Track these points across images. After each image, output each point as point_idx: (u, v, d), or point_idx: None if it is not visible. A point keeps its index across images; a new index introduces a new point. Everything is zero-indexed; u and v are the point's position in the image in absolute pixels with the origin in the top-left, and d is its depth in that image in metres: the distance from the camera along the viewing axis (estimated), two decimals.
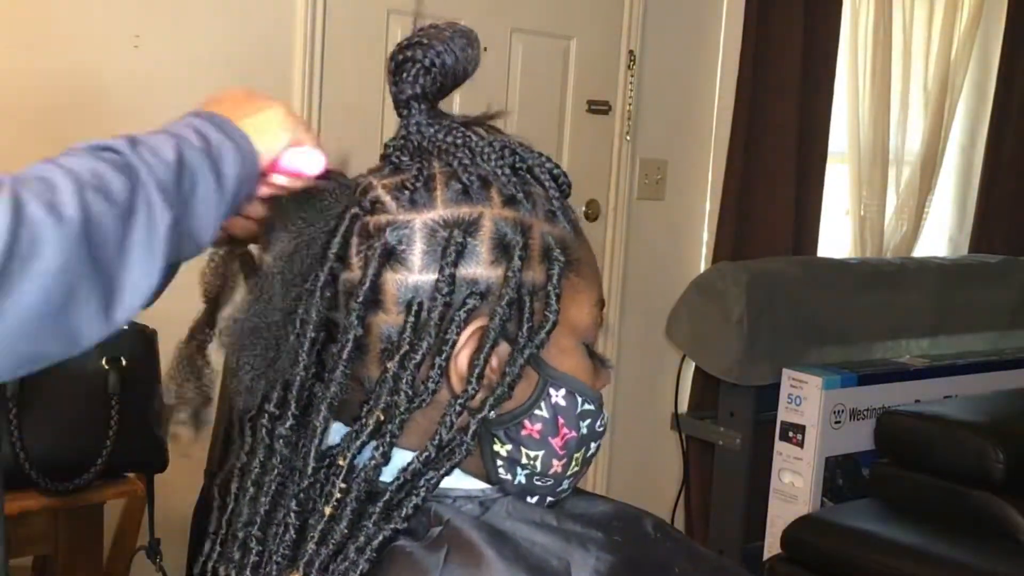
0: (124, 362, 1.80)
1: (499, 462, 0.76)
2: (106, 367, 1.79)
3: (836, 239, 3.63)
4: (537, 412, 0.75)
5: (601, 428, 0.79)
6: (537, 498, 0.78)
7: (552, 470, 0.77)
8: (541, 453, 0.76)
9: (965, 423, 2.66)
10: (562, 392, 0.76)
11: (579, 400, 0.77)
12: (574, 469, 0.78)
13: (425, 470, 0.72)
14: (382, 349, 0.74)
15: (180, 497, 2.08)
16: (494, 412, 0.74)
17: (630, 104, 3.00)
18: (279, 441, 0.74)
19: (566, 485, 0.79)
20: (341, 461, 0.72)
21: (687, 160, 3.19)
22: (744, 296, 2.83)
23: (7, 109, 2.05)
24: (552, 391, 0.76)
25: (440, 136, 0.77)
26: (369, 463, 0.72)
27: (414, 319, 0.73)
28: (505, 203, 0.75)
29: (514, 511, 0.74)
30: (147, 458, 1.87)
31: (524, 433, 0.75)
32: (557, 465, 0.77)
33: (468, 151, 0.77)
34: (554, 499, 0.79)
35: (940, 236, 4.05)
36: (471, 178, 0.75)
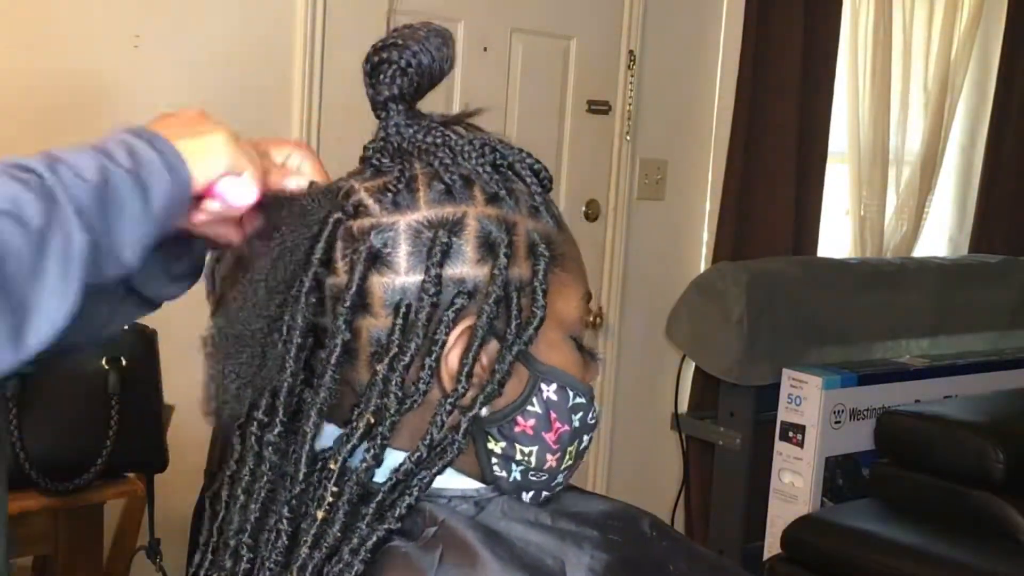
0: (124, 362, 1.81)
1: (494, 460, 0.76)
2: (106, 367, 1.79)
3: (836, 239, 3.63)
4: (529, 408, 0.76)
5: (593, 421, 0.79)
6: (532, 493, 0.78)
7: (547, 465, 0.77)
8: (535, 448, 0.76)
9: (965, 423, 2.66)
10: (553, 387, 0.76)
11: (570, 394, 0.77)
12: (568, 463, 0.78)
13: (418, 470, 0.72)
14: (371, 352, 0.74)
15: (180, 497, 2.08)
16: (486, 410, 0.74)
17: (630, 104, 3.00)
18: (268, 448, 0.74)
19: (561, 479, 0.79)
20: (332, 464, 0.72)
21: (687, 160, 3.19)
22: (744, 296, 2.83)
23: (7, 109, 2.05)
24: (543, 386, 0.76)
25: (420, 136, 0.77)
26: (360, 465, 0.72)
27: (402, 321, 0.72)
28: (488, 201, 0.75)
29: (509, 511, 0.75)
30: (147, 458, 1.87)
31: (517, 430, 0.76)
32: (551, 459, 0.77)
33: (449, 150, 0.77)
34: (549, 494, 0.79)
35: (940, 236, 4.05)
36: (453, 177, 0.75)
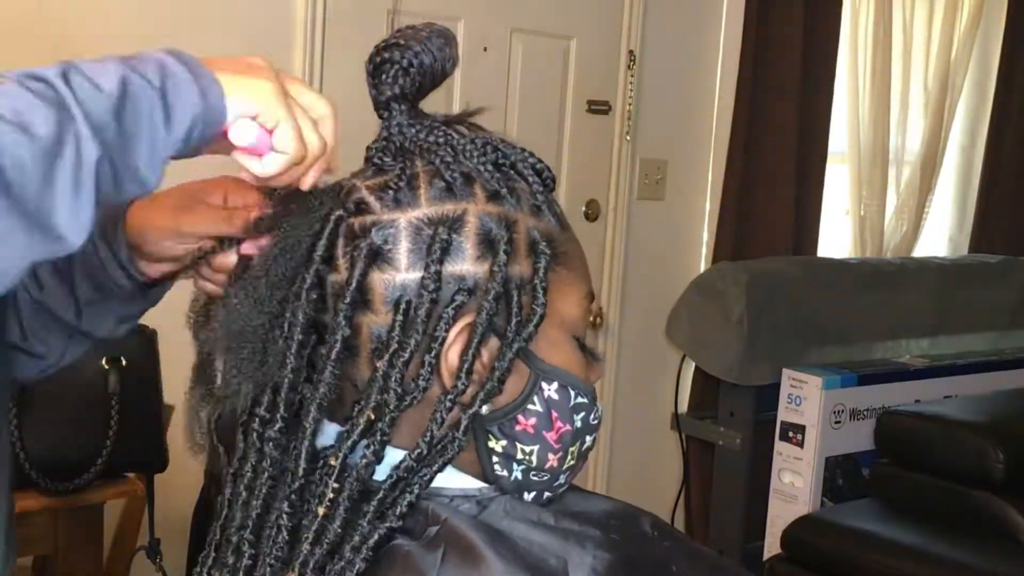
0: (124, 362, 1.81)
1: (495, 458, 0.76)
2: (106, 367, 1.79)
3: (836, 239, 3.63)
4: (530, 407, 0.75)
5: (595, 421, 0.79)
6: (534, 494, 0.78)
7: (548, 464, 0.77)
8: (536, 448, 0.76)
9: (965, 423, 2.66)
10: (554, 386, 0.76)
11: (572, 393, 0.77)
12: (570, 463, 0.78)
13: (418, 467, 0.73)
14: (372, 349, 0.74)
15: (180, 497, 2.08)
16: (486, 407, 0.74)
17: (630, 104, 3.00)
18: (269, 444, 0.74)
19: (563, 480, 0.79)
20: (333, 461, 0.72)
21: (687, 160, 3.19)
22: (744, 296, 2.83)
23: None
24: (544, 385, 0.76)
25: (422, 136, 0.78)
26: (361, 462, 0.72)
27: (402, 317, 0.73)
28: (489, 199, 0.76)
29: (511, 510, 0.74)
30: (147, 458, 1.87)
31: (518, 428, 0.75)
32: (553, 459, 0.77)
33: (450, 149, 0.77)
34: (551, 494, 0.79)
35: (940, 236, 4.05)
36: (454, 175, 0.75)
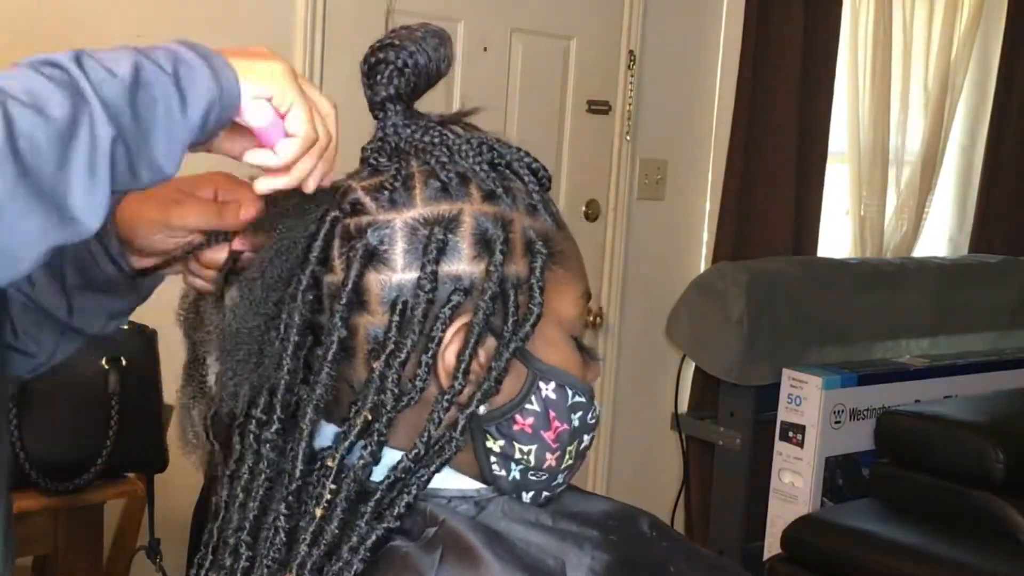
0: (124, 362, 1.81)
1: (493, 458, 0.76)
2: (106, 367, 1.79)
3: (836, 239, 3.63)
4: (528, 406, 0.75)
5: (593, 420, 0.79)
6: (532, 494, 0.78)
7: (546, 464, 0.77)
8: (534, 447, 0.76)
9: (965, 423, 2.66)
10: (552, 385, 0.76)
11: (569, 393, 0.77)
12: (568, 462, 0.78)
13: (416, 468, 0.73)
14: (369, 350, 0.74)
15: (180, 497, 2.08)
16: (484, 407, 0.74)
17: (630, 104, 3.00)
18: (266, 446, 0.74)
19: (561, 479, 0.79)
20: (330, 462, 0.72)
21: (687, 160, 3.19)
22: (744, 296, 2.83)
23: None
24: (542, 384, 0.76)
25: (417, 136, 0.78)
26: (358, 463, 0.72)
27: (399, 318, 0.73)
28: (485, 199, 0.76)
29: (509, 511, 0.74)
30: (147, 458, 1.87)
31: (516, 428, 0.75)
32: (551, 459, 0.77)
33: (446, 149, 0.77)
34: (550, 494, 0.79)
35: (940, 236, 4.05)
36: (449, 175, 0.75)
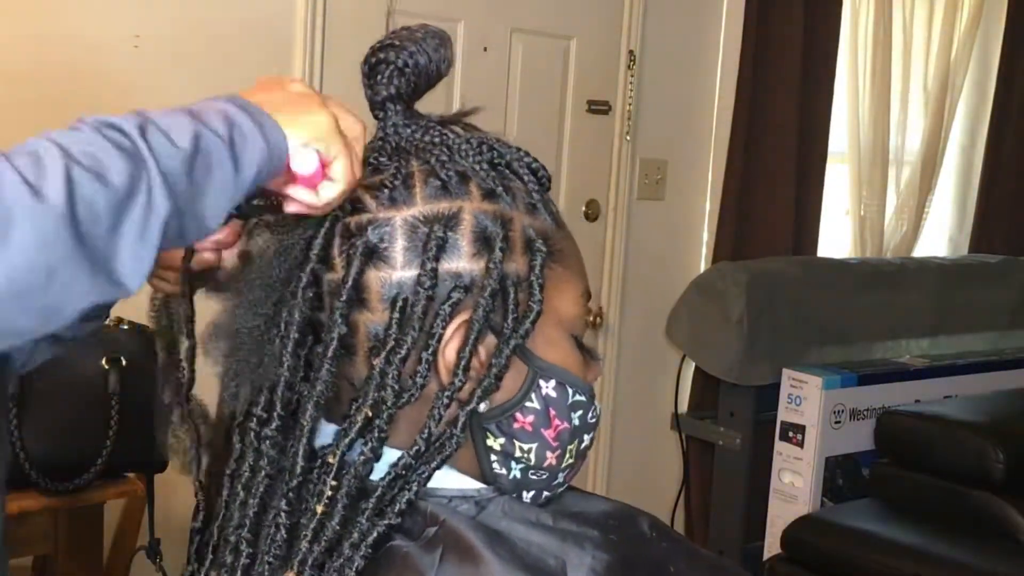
0: (124, 362, 1.80)
1: (493, 457, 0.76)
2: (106, 367, 1.79)
3: (836, 239, 3.63)
4: (528, 404, 0.76)
5: (593, 419, 0.79)
6: (533, 493, 0.78)
7: (546, 463, 0.77)
8: (534, 446, 0.76)
9: (965, 423, 2.66)
10: (552, 383, 0.76)
11: (570, 391, 0.77)
12: (569, 461, 0.78)
13: (416, 465, 0.73)
14: (369, 347, 0.74)
15: (180, 497, 2.08)
16: (484, 405, 0.74)
17: (630, 104, 3.00)
18: (266, 443, 0.74)
19: (561, 478, 0.79)
20: (331, 459, 0.72)
21: (687, 160, 3.19)
22: (744, 296, 2.83)
23: (6, 109, 2.05)
24: (542, 382, 0.76)
25: (417, 136, 0.78)
26: (359, 459, 0.72)
27: (399, 315, 0.73)
28: (484, 197, 0.76)
29: (510, 511, 0.75)
30: (147, 458, 1.86)
31: (516, 426, 0.76)
32: (551, 457, 0.77)
33: (446, 148, 0.77)
34: (550, 493, 0.79)
35: (940, 236, 4.05)
36: (449, 174, 0.76)
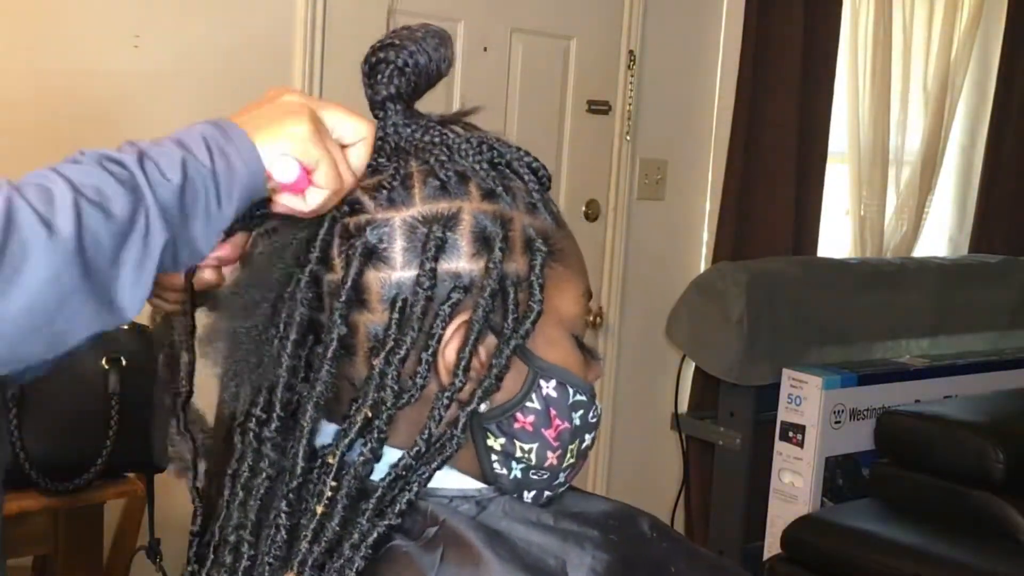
0: (124, 362, 1.80)
1: (494, 457, 0.76)
2: (106, 367, 1.79)
3: (836, 239, 3.63)
4: (529, 404, 0.76)
5: (594, 419, 0.79)
6: (534, 493, 0.78)
7: (547, 462, 0.77)
8: (535, 446, 0.76)
9: (965, 423, 2.66)
10: (552, 383, 0.76)
11: (570, 391, 0.77)
12: (569, 461, 0.78)
13: (417, 465, 0.73)
14: (369, 348, 0.74)
15: (180, 497, 2.07)
16: (484, 405, 0.74)
17: (630, 104, 3.00)
18: (266, 444, 0.74)
19: (562, 478, 0.79)
20: (331, 459, 0.72)
21: (687, 160, 3.19)
22: (744, 296, 2.83)
23: (6, 109, 2.05)
24: (542, 382, 0.76)
25: (417, 135, 0.78)
26: (358, 459, 0.72)
27: (399, 315, 0.73)
28: (484, 197, 0.76)
29: (510, 511, 0.74)
30: (147, 458, 1.86)
31: (517, 426, 0.76)
32: (552, 457, 0.77)
33: (445, 148, 0.77)
34: (551, 493, 0.79)
35: (940, 236, 4.05)
36: (448, 174, 0.76)
